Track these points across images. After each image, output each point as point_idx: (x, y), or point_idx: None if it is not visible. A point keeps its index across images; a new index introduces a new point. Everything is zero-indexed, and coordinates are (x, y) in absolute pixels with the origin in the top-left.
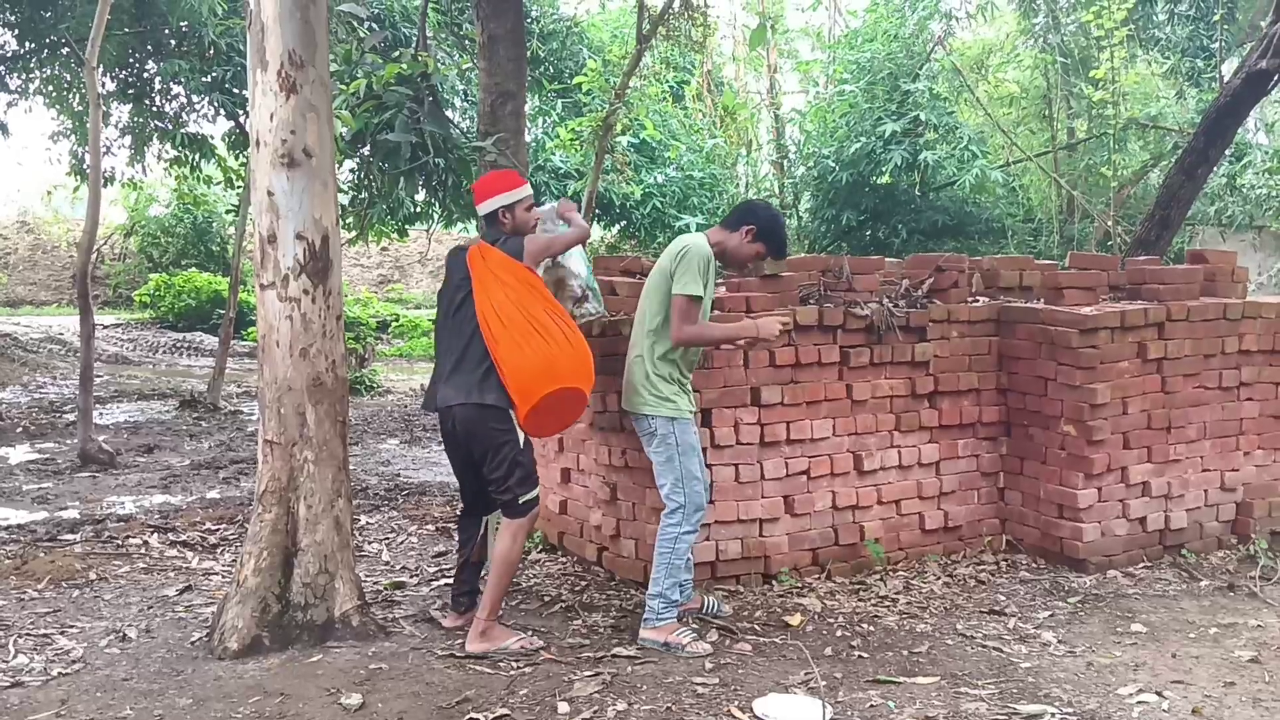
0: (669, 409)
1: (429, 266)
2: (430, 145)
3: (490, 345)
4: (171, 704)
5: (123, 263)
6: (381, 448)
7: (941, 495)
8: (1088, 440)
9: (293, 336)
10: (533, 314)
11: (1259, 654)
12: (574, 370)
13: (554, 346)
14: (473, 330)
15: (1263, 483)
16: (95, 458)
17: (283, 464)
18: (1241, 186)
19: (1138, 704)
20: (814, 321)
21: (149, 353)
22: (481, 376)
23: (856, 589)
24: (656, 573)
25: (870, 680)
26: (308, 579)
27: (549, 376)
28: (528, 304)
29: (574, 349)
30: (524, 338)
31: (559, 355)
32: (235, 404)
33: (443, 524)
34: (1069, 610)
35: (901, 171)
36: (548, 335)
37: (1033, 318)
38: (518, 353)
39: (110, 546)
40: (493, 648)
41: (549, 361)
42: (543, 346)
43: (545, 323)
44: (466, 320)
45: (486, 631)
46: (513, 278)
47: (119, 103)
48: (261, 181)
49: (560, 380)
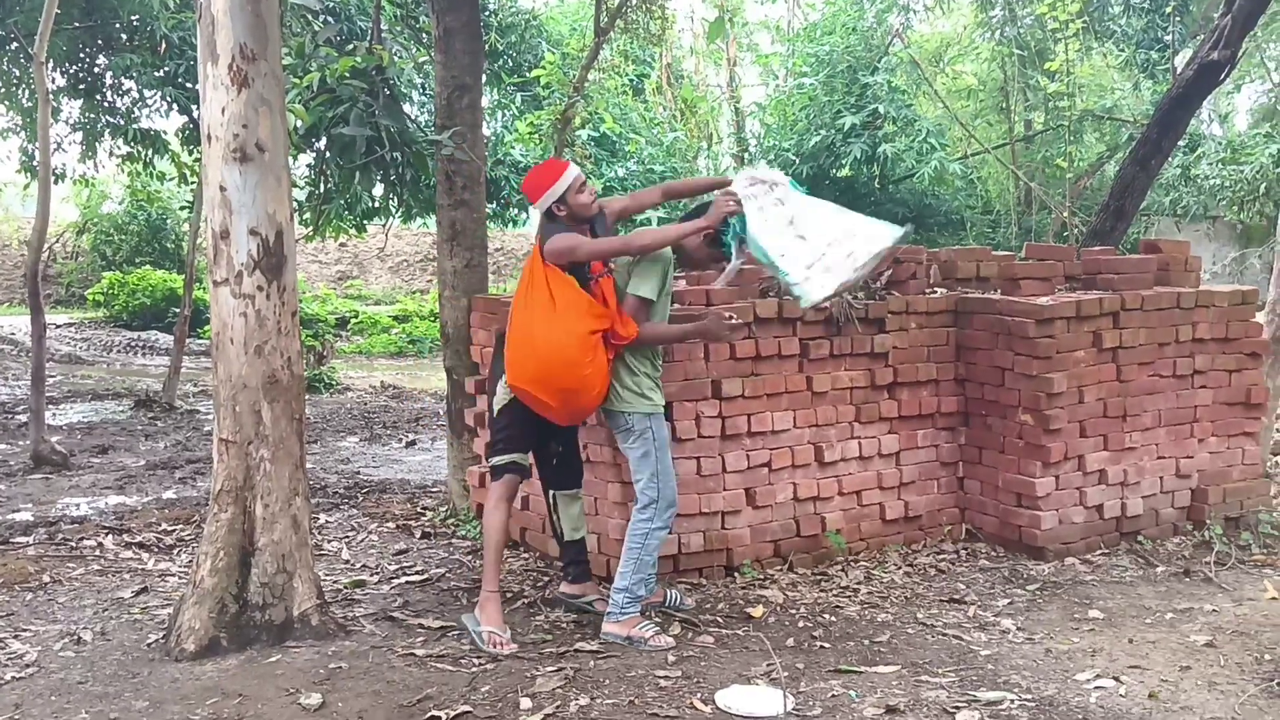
0: (646, 405)
1: (388, 262)
2: (386, 139)
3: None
4: (128, 707)
5: (75, 261)
6: (341, 445)
7: (902, 485)
8: (1045, 429)
9: (247, 333)
10: (516, 309)
11: (1214, 638)
12: (522, 373)
13: (512, 347)
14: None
15: (1217, 469)
16: (48, 459)
17: (239, 463)
18: (1196, 177)
19: (1095, 689)
20: (774, 314)
21: (103, 352)
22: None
23: (818, 580)
24: (624, 567)
25: (832, 670)
26: (265, 579)
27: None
28: (520, 297)
29: (531, 351)
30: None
31: (514, 355)
32: (191, 403)
33: (403, 522)
34: (1027, 598)
35: (861, 164)
36: (516, 331)
37: (990, 308)
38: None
39: (64, 549)
40: (482, 625)
41: (510, 360)
42: (512, 344)
43: (519, 320)
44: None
45: (483, 605)
46: (525, 268)
47: (69, 98)
48: (214, 176)
49: (515, 380)
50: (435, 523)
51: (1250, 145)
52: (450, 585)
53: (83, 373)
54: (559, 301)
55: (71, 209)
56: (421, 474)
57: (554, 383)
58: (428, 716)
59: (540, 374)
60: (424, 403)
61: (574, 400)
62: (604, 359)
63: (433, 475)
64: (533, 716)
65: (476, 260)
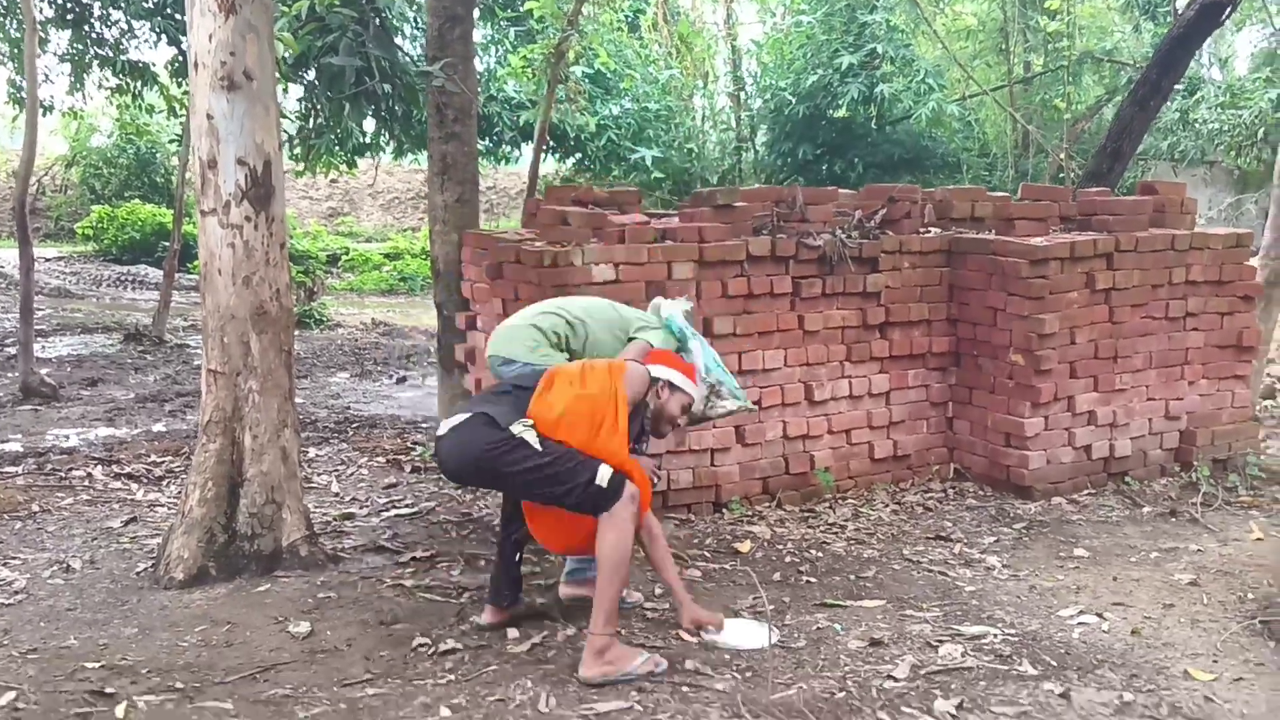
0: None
1: (380, 199)
2: (376, 70)
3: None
4: (116, 633)
5: (64, 194)
6: (331, 381)
7: (891, 425)
8: (1035, 370)
9: (235, 264)
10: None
11: (1198, 577)
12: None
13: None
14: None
15: (1206, 411)
16: (37, 391)
17: (227, 394)
18: (1194, 121)
19: (1078, 625)
20: (766, 252)
21: (92, 286)
22: None
23: (806, 517)
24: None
25: (818, 604)
26: (254, 509)
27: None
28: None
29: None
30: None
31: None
32: (181, 337)
33: (393, 456)
34: (1013, 536)
35: (858, 105)
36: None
37: (983, 248)
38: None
39: (53, 479)
40: (615, 671)
41: None
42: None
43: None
44: None
45: (604, 651)
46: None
47: (57, 29)
48: (200, 105)
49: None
50: (425, 458)
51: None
52: (440, 519)
53: (72, 306)
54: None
55: (60, 142)
56: (412, 410)
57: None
58: (415, 644)
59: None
60: (415, 339)
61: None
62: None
63: (423, 411)
64: (520, 645)
65: (468, 195)
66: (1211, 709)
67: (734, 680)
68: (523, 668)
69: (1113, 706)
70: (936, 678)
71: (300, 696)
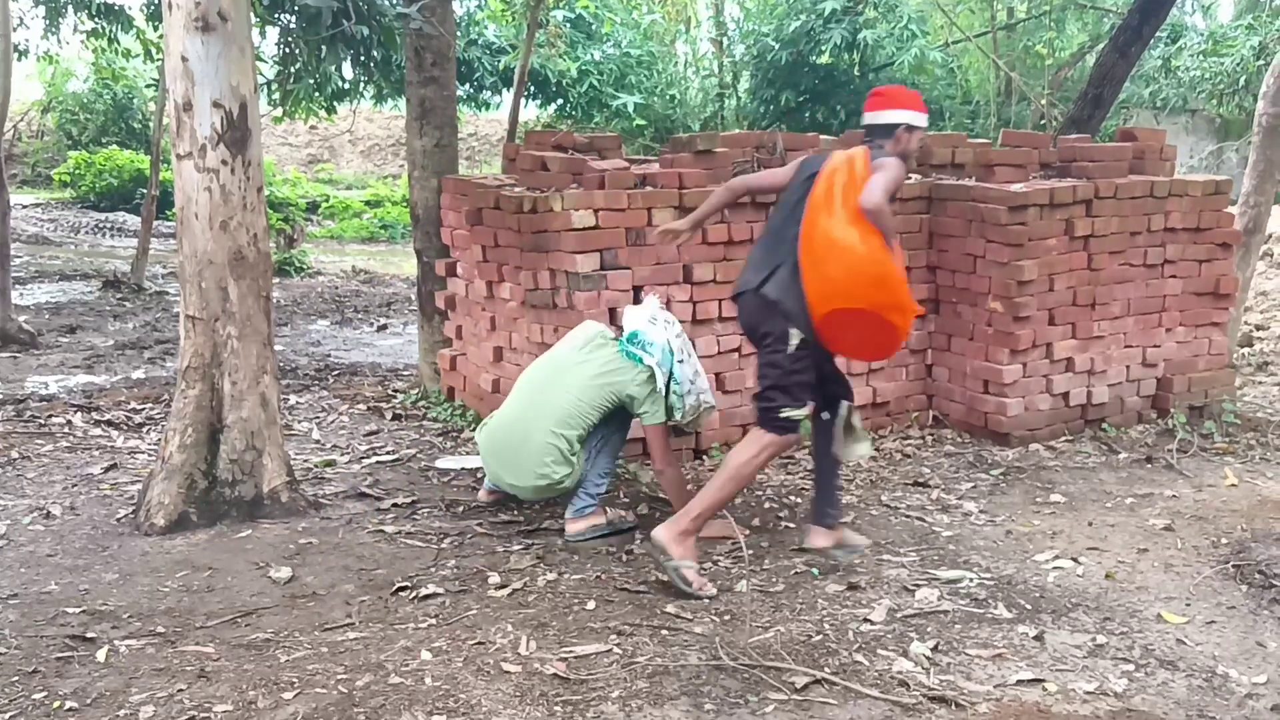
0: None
1: (360, 146)
2: (353, 11)
3: (804, 240)
4: (97, 579)
5: (40, 140)
6: (311, 329)
7: (870, 372)
8: (1014, 317)
9: (212, 208)
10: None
11: (1172, 522)
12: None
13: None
14: (795, 233)
15: (1183, 359)
16: (15, 338)
17: (205, 339)
18: (1176, 69)
19: (1053, 569)
20: (746, 199)
21: (70, 233)
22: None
23: (785, 463)
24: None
25: (795, 549)
26: (234, 455)
27: (841, 295)
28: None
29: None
30: (828, 253)
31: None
32: (160, 284)
33: (374, 404)
34: (991, 482)
35: (841, 51)
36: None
37: (963, 195)
38: (820, 267)
39: (32, 425)
40: (680, 557)
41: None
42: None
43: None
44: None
45: (684, 537)
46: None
47: None
48: (175, 46)
49: (851, 300)
50: (406, 405)
51: (1232, 37)
52: (421, 465)
53: (50, 253)
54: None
55: (36, 87)
56: (393, 357)
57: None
58: (395, 589)
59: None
60: (395, 287)
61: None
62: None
63: (404, 359)
64: (500, 591)
65: (446, 140)
66: (1183, 651)
67: (712, 623)
68: (503, 612)
69: (1086, 649)
70: (913, 621)
71: (281, 640)
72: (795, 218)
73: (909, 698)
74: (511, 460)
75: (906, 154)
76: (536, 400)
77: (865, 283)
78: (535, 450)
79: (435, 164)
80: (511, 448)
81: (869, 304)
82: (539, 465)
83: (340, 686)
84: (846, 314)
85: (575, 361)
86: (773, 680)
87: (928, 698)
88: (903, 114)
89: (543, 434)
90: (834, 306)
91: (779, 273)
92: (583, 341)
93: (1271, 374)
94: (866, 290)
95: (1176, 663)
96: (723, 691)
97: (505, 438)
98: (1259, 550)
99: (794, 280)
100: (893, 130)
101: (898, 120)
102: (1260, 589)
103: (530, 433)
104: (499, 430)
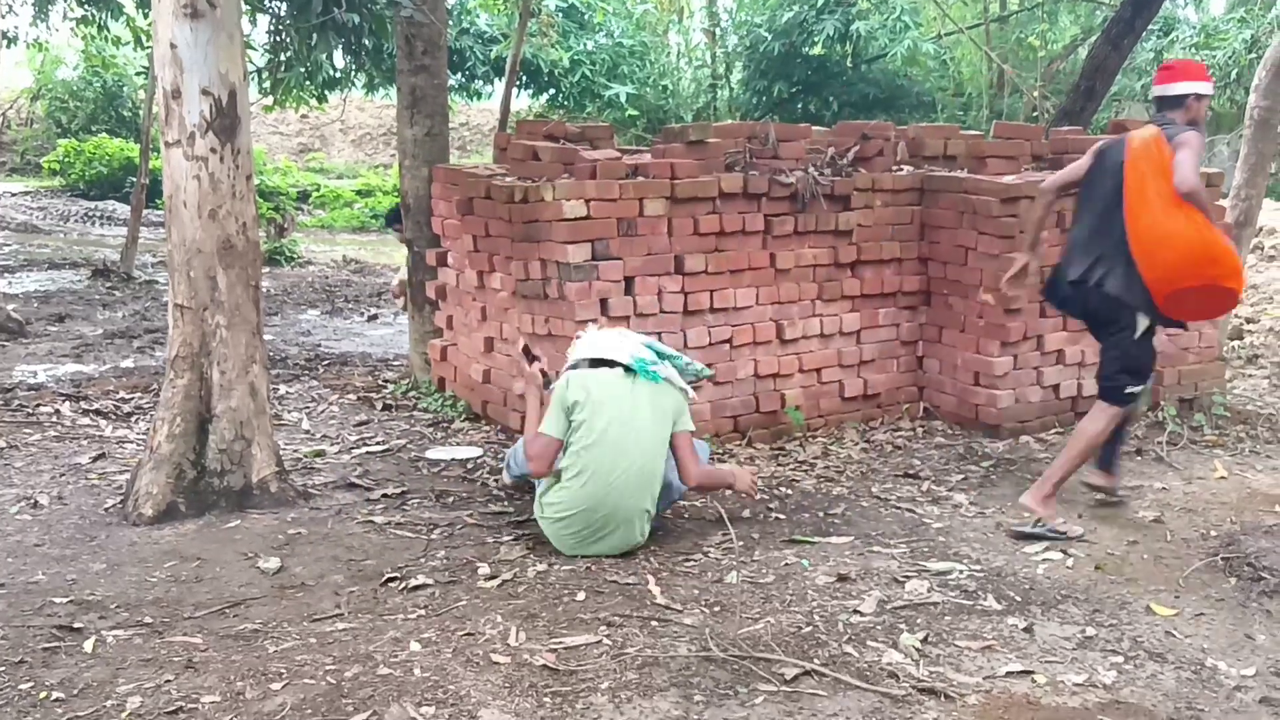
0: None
1: (351, 135)
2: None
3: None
4: (85, 568)
5: (29, 128)
6: (302, 318)
7: (862, 364)
8: (1005, 309)
9: (201, 197)
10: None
11: (1162, 514)
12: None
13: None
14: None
15: (1173, 351)
16: (4, 326)
17: (194, 328)
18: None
19: (1043, 561)
20: (739, 189)
21: (59, 221)
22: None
23: (776, 454)
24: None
25: (786, 540)
26: (223, 445)
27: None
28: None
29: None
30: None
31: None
32: (150, 273)
33: (364, 394)
34: (981, 474)
35: (834, 42)
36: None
37: (955, 187)
38: (1154, 256)
39: (20, 415)
40: (1046, 516)
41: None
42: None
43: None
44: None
45: (1047, 500)
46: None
47: None
48: (163, 33)
49: (1199, 278)
50: (396, 395)
51: (1224, 30)
52: (411, 456)
53: (39, 242)
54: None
55: (25, 75)
56: (383, 348)
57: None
58: (385, 579)
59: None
60: (386, 277)
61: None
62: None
63: (394, 349)
64: (490, 582)
65: (437, 129)
66: (1172, 643)
67: (702, 614)
68: (492, 602)
69: (1075, 640)
70: (902, 612)
71: (270, 631)
72: (1115, 207)
73: (898, 689)
74: (610, 538)
75: (1196, 121)
76: (633, 484)
77: (1199, 261)
78: (637, 523)
79: (426, 153)
80: (610, 530)
81: (1206, 279)
82: (641, 535)
83: (329, 677)
84: (1187, 291)
85: (649, 426)
86: (762, 671)
87: (917, 689)
88: (1191, 85)
89: (640, 513)
90: (1175, 288)
91: (1115, 269)
92: (644, 403)
93: (1261, 367)
94: (1202, 268)
95: (1165, 655)
96: (712, 683)
97: (602, 526)
98: (1248, 543)
99: (1131, 274)
100: (1183, 100)
101: (1187, 90)
102: (1249, 581)
103: (631, 519)
104: (589, 527)
